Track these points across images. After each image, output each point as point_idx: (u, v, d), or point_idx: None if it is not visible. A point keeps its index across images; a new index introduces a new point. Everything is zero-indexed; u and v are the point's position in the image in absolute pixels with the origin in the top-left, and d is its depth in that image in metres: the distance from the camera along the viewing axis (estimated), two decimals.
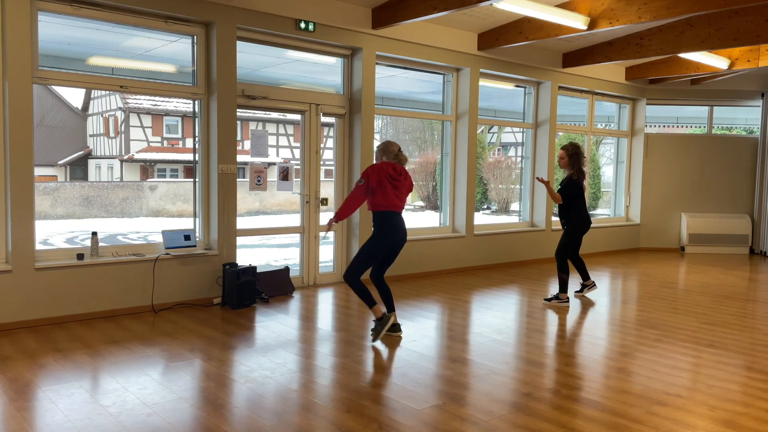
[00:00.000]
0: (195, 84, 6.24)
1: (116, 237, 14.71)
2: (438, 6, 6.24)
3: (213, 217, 6.32)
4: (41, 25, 5.29)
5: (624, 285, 7.85)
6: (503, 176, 20.10)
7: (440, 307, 6.31)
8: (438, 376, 4.21)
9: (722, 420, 3.52)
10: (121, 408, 3.54)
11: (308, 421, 3.42)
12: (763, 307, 6.62)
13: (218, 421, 3.40)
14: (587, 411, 3.61)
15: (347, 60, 7.32)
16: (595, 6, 6.94)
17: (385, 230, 4.96)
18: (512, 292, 7.18)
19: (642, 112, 10.92)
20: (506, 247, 9.04)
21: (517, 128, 15.58)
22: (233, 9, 6.11)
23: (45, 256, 5.46)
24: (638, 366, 4.49)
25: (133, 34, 5.95)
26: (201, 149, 6.33)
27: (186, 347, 4.73)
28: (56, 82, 5.53)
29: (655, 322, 5.83)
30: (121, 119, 27.08)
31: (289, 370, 4.27)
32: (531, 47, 8.66)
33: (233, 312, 5.93)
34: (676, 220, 11.11)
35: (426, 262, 8.06)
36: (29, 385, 3.86)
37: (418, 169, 22.03)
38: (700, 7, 6.19)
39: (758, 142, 10.90)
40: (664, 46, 8.02)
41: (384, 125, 24.96)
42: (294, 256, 8.92)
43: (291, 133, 29.12)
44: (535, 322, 5.80)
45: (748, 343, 5.13)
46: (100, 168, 28.14)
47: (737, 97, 10.96)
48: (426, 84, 8.49)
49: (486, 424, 3.42)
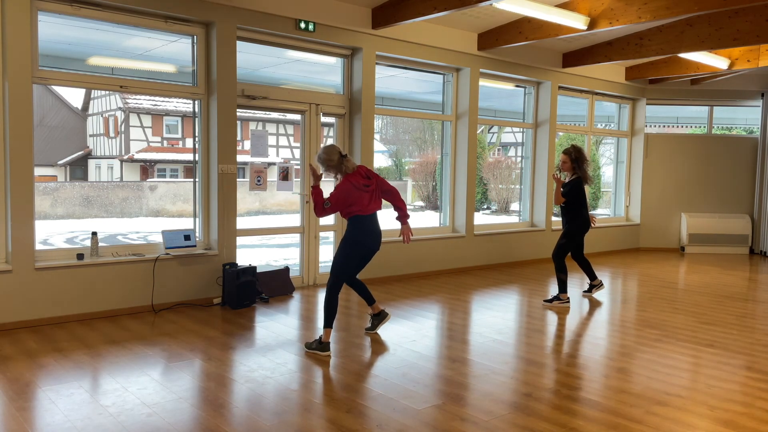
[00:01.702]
0: (195, 84, 6.24)
1: (116, 237, 14.71)
2: (438, 6, 6.24)
3: (213, 217, 6.32)
4: (41, 25, 5.29)
5: (624, 285, 7.85)
6: (503, 176, 20.10)
7: (440, 307, 6.31)
8: (438, 376, 4.21)
9: (722, 420, 3.52)
10: (121, 408, 3.54)
11: (308, 421, 3.42)
12: (763, 307, 6.62)
13: (218, 421, 3.40)
14: (587, 411, 3.61)
15: (347, 60, 7.32)
16: (595, 6, 6.94)
17: (360, 237, 4.70)
18: (512, 292, 7.18)
19: (642, 112, 10.92)
20: (506, 247, 9.04)
21: (517, 128, 15.60)
22: (233, 9, 6.11)
23: (45, 256, 5.46)
24: (638, 366, 4.48)
25: (133, 34, 5.95)
26: (201, 149, 6.33)
27: (186, 347, 4.73)
28: (56, 82, 5.53)
29: (655, 322, 5.83)
30: (121, 119, 27.08)
31: (289, 370, 4.27)
32: (531, 47, 8.65)
33: (233, 312, 5.93)
34: (676, 220, 11.11)
35: (426, 262, 8.06)
36: (29, 385, 3.86)
37: (418, 169, 22.04)
38: (700, 7, 6.19)
39: (758, 142, 10.90)
40: (664, 46, 8.02)
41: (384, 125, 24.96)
42: (294, 256, 8.92)
43: (291, 133, 29.12)
44: (535, 322, 5.80)
45: (748, 343, 5.13)
46: (100, 168, 28.14)
47: (737, 97, 10.96)
48: (426, 84, 8.49)
49: (486, 424, 3.42)
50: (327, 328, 4.67)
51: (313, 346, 4.68)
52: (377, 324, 5.24)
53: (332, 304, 4.70)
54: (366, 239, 4.73)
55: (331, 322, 4.69)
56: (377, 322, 5.23)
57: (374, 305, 5.21)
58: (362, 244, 4.74)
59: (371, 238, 4.76)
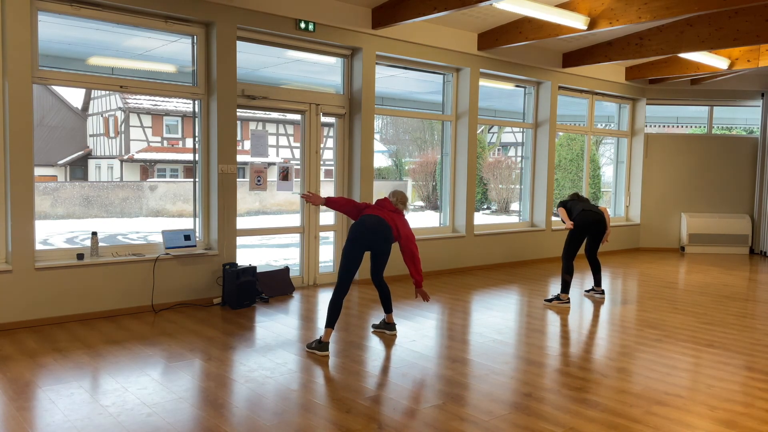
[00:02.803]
0: (195, 84, 6.24)
1: (116, 237, 14.71)
2: (438, 6, 6.24)
3: (213, 217, 6.32)
4: (41, 25, 5.29)
5: (624, 285, 7.84)
6: (503, 176, 20.10)
7: (440, 307, 6.31)
8: (438, 376, 4.21)
9: (722, 420, 3.52)
10: (121, 408, 3.54)
11: (308, 421, 3.42)
12: (763, 307, 6.62)
13: (218, 421, 3.40)
14: (587, 411, 3.61)
15: (347, 60, 7.32)
16: (595, 6, 6.94)
17: (354, 232, 4.81)
18: (512, 292, 7.18)
19: (642, 112, 10.92)
20: (506, 247, 9.04)
21: (517, 128, 15.59)
22: (233, 9, 6.11)
23: (45, 256, 5.45)
24: (638, 366, 4.48)
25: (133, 34, 5.95)
26: (201, 149, 6.33)
27: (186, 347, 4.73)
28: (56, 82, 5.53)
29: (655, 322, 5.83)
30: (121, 119, 27.08)
31: (289, 370, 4.27)
32: (531, 47, 8.65)
33: (233, 312, 5.93)
34: (676, 220, 11.11)
35: (426, 262, 8.05)
36: (29, 385, 3.86)
37: (418, 169, 22.04)
38: (700, 7, 6.19)
39: (758, 142, 10.90)
40: (664, 46, 8.02)
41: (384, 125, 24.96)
42: (294, 256, 8.92)
43: (291, 133, 29.12)
44: (535, 322, 5.80)
45: (748, 343, 5.13)
46: (100, 168, 28.13)
47: (737, 97, 10.96)
48: (426, 84, 8.49)
49: (486, 424, 3.42)
50: (328, 328, 4.68)
51: (312, 345, 4.70)
52: (384, 330, 5.27)
53: (335, 304, 4.71)
54: (362, 234, 4.78)
55: (332, 323, 4.69)
56: (384, 327, 5.27)
57: (389, 315, 5.26)
58: (359, 240, 4.77)
59: (367, 231, 4.79)
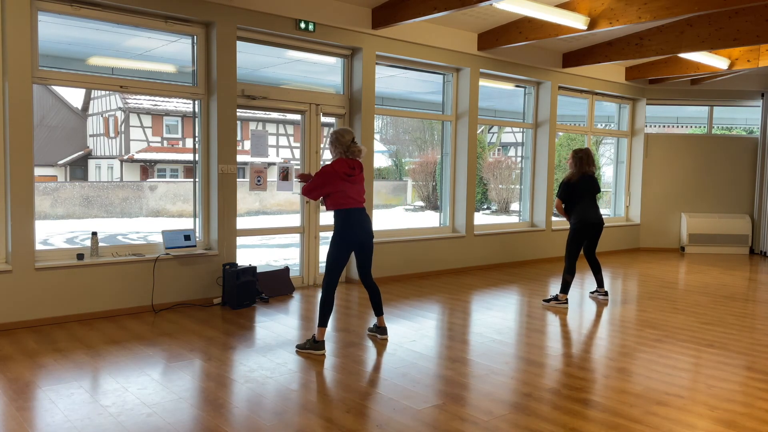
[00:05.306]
0: (195, 84, 6.24)
1: (116, 237, 14.71)
2: (438, 6, 6.24)
3: (213, 217, 6.32)
4: (41, 25, 5.29)
5: (624, 285, 7.85)
6: (503, 176, 20.11)
7: (440, 307, 6.31)
8: (438, 376, 4.21)
9: (722, 420, 3.52)
10: (121, 408, 3.54)
11: (308, 421, 3.42)
12: (763, 307, 6.62)
13: (218, 421, 3.40)
14: (587, 411, 3.61)
15: (347, 60, 7.32)
16: (595, 6, 6.94)
17: (345, 229, 4.67)
18: (512, 292, 7.18)
19: (642, 112, 10.92)
20: (506, 247, 9.04)
21: (517, 128, 15.59)
22: (233, 9, 6.11)
23: (45, 256, 5.45)
24: (638, 366, 4.49)
25: (133, 34, 5.95)
26: (201, 149, 6.33)
27: (186, 347, 4.73)
28: (56, 82, 5.53)
29: (655, 322, 5.83)
30: (121, 119, 27.09)
31: (289, 370, 4.27)
32: (531, 47, 8.65)
33: (233, 312, 5.93)
34: (676, 220, 11.11)
35: (426, 262, 8.06)
36: (29, 385, 3.86)
37: (418, 169, 22.05)
38: (700, 7, 6.19)
39: (758, 142, 10.90)
40: (664, 46, 8.02)
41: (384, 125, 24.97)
42: (294, 256, 8.92)
43: (291, 133, 29.13)
44: (535, 322, 5.80)
45: (748, 343, 5.13)
46: (100, 168, 28.15)
47: (737, 97, 10.96)
48: (426, 84, 8.49)
49: (486, 424, 3.42)
50: (321, 327, 4.66)
51: (306, 346, 4.66)
52: (375, 333, 5.15)
53: (327, 302, 4.68)
54: (351, 231, 4.69)
55: (325, 321, 4.67)
56: (376, 331, 5.14)
57: (380, 318, 5.10)
58: (348, 237, 4.70)
59: (357, 229, 4.71)
